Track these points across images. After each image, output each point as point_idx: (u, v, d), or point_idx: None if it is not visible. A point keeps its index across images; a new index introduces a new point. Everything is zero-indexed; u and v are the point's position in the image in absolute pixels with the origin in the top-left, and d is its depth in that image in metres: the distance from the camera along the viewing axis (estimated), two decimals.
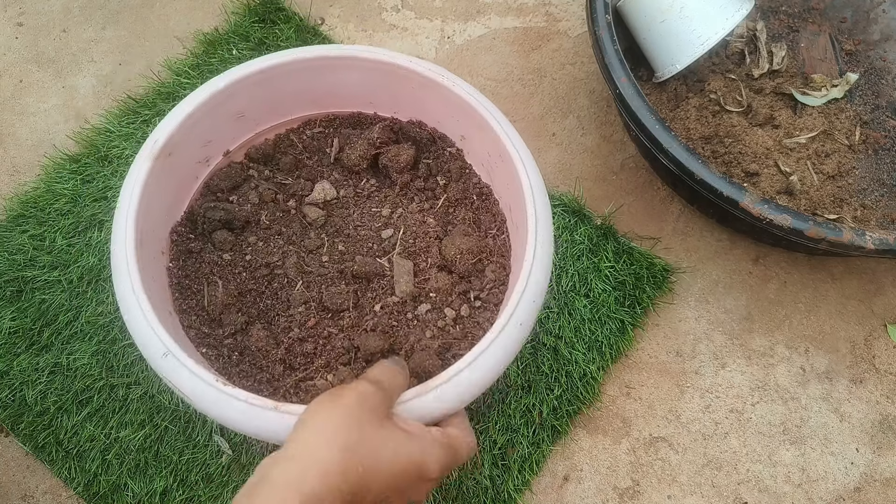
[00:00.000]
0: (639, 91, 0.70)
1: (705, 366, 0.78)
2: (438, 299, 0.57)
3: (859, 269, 0.85)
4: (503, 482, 0.69)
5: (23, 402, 0.71)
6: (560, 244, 0.81)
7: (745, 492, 0.72)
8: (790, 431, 0.76)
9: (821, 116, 0.85)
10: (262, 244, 0.59)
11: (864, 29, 0.93)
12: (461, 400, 0.45)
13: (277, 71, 0.57)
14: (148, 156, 0.51)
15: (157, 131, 0.53)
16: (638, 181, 0.89)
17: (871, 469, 0.74)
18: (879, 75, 0.90)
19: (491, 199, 0.62)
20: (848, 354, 0.80)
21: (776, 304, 0.82)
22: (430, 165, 0.63)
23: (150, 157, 0.51)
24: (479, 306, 0.56)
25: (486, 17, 1.01)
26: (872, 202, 0.81)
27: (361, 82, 0.61)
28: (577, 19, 1.01)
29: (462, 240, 0.57)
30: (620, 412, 0.75)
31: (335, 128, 0.65)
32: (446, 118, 0.61)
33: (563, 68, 0.97)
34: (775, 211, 0.64)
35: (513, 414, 0.72)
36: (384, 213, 0.62)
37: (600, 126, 0.92)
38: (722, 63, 0.89)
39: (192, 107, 0.54)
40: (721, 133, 0.82)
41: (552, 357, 0.75)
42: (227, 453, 0.69)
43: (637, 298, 0.79)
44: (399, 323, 0.56)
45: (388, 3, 1.02)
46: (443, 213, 0.62)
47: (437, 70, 0.57)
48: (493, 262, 0.58)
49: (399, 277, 0.57)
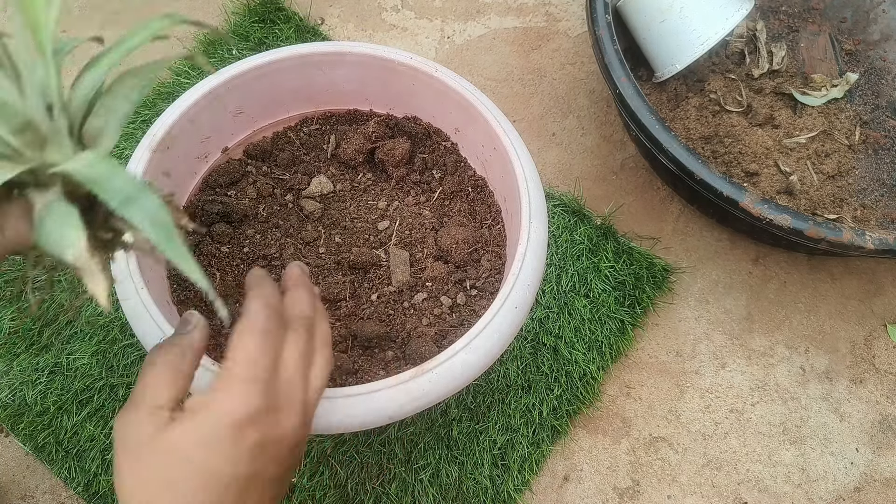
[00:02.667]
0: (639, 91, 0.70)
1: (705, 366, 0.78)
2: (434, 288, 0.57)
3: (859, 269, 0.85)
4: (503, 482, 0.69)
5: (23, 402, 0.71)
6: (560, 244, 0.81)
7: (745, 492, 0.72)
8: (790, 431, 0.76)
9: (821, 116, 0.85)
10: (260, 237, 0.60)
11: (864, 29, 0.93)
12: (458, 383, 0.45)
13: (274, 67, 0.58)
14: (147, 148, 0.52)
15: (156, 125, 0.53)
16: (638, 181, 0.89)
17: (871, 469, 0.74)
18: (879, 75, 0.90)
19: (486, 191, 0.62)
20: (848, 354, 0.80)
21: (776, 304, 0.82)
22: (425, 159, 0.64)
23: (149, 149, 0.52)
24: (474, 294, 0.57)
25: (486, 17, 1.01)
26: (872, 202, 0.81)
27: (357, 78, 0.61)
28: (577, 19, 1.01)
29: (458, 230, 0.58)
30: (620, 412, 0.75)
31: (332, 124, 0.66)
32: (441, 112, 0.62)
33: (562, 68, 0.97)
34: (775, 211, 0.64)
35: (513, 414, 0.72)
36: (380, 206, 0.62)
37: (600, 126, 0.92)
38: (722, 63, 0.89)
39: (191, 101, 0.54)
40: (721, 133, 0.82)
41: (552, 357, 0.75)
42: None
43: (637, 298, 0.79)
44: (395, 311, 0.56)
45: (388, 3, 1.02)
46: (438, 206, 0.62)
47: (431, 64, 0.58)
48: (488, 252, 0.59)
49: (395, 267, 0.58)
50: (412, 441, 0.69)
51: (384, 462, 0.68)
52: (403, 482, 0.68)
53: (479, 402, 0.72)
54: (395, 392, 0.44)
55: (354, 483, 0.67)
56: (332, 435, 0.69)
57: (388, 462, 0.68)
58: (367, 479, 0.68)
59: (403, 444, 0.69)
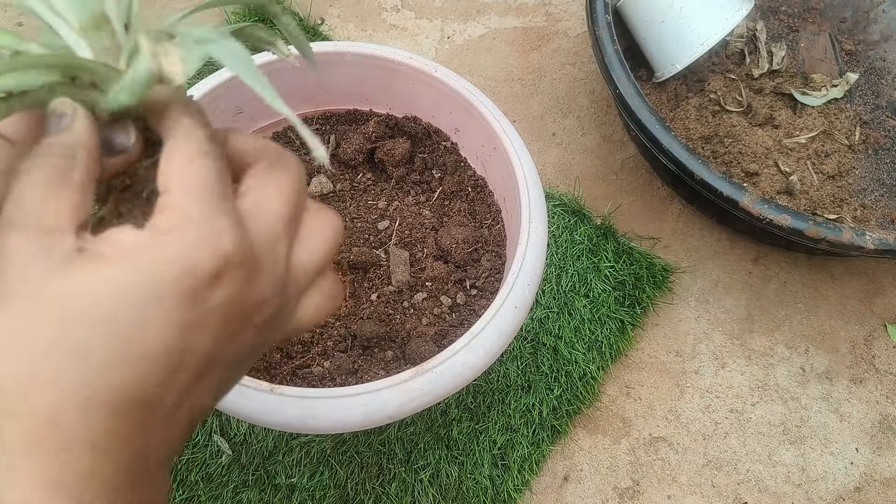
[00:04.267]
0: (639, 91, 0.70)
1: (705, 366, 0.78)
2: (434, 288, 0.57)
3: (859, 269, 0.85)
4: (503, 482, 0.69)
5: None
6: (560, 244, 0.81)
7: (745, 492, 0.72)
8: (790, 431, 0.76)
9: (821, 116, 0.85)
10: None
11: (864, 29, 0.93)
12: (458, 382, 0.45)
13: (273, 66, 0.58)
14: None
15: None
16: (638, 181, 0.89)
17: (871, 469, 0.74)
18: (879, 75, 0.90)
19: (486, 191, 0.63)
20: (848, 354, 0.80)
21: (776, 304, 0.82)
22: (425, 159, 0.64)
23: None
24: (474, 294, 0.57)
25: (486, 17, 1.01)
26: (872, 202, 0.81)
27: (356, 78, 0.61)
28: (577, 19, 1.01)
29: (458, 230, 0.58)
30: (620, 412, 0.75)
31: (332, 124, 0.66)
32: (440, 112, 0.62)
33: (562, 68, 0.97)
34: (775, 211, 0.64)
35: (513, 414, 0.72)
36: (380, 206, 0.62)
37: (600, 126, 0.92)
38: (722, 63, 0.89)
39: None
40: (721, 133, 0.82)
41: (552, 357, 0.75)
42: (226, 453, 0.69)
43: (637, 298, 0.79)
44: (395, 311, 0.56)
45: (388, 4, 1.02)
46: (438, 206, 0.63)
47: (431, 64, 0.58)
48: (488, 252, 0.59)
49: (395, 267, 0.58)
50: (412, 441, 0.69)
51: (384, 462, 0.68)
52: (403, 482, 0.68)
53: (479, 402, 0.72)
54: (395, 392, 0.44)
55: (354, 483, 0.67)
56: (332, 435, 0.69)
57: (388, 462, 0.68)
58: (367, 479, 0.68)
59: (403, 444, 0.69)
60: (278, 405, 0.43)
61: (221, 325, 0.20)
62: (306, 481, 0.67)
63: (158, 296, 0.18)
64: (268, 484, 0.67)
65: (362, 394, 0.43)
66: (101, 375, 0.18)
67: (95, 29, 0.21)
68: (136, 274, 0.18)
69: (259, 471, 0.67)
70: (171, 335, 0.19)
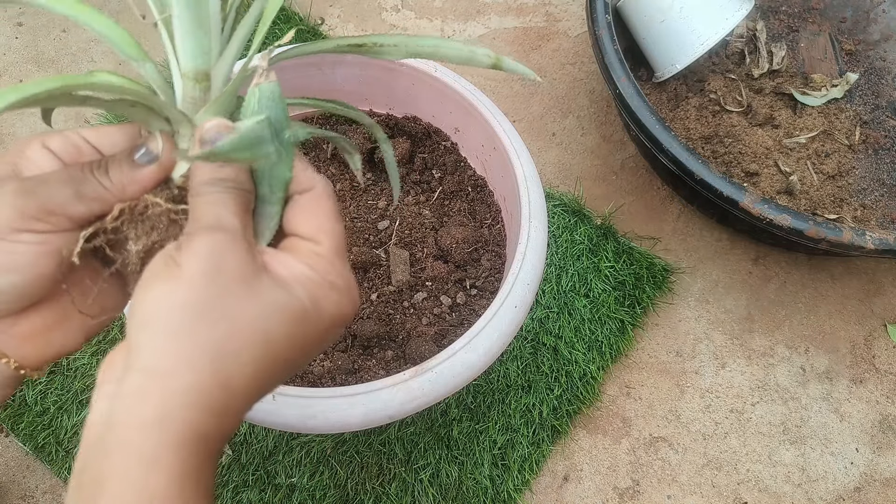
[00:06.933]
0: (639, 91, 0.70)
1: (705, 366, 0.78)
2: (434, 287, 0.57)
3: (859, 269, 0.85)
4: (503, 482, 0.69)
5: (23, 402, 0.71)
6: (560, 244, 0.81)
7: (745, 492, 0.72)
8: (790, 431, 0.76)
9: (821, 116, 0.85)
10: None
11: (864, 29, 0.93)
12: (458, 382, 0.45)
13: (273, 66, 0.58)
14: None
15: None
16: (638, 181, 0.89)
17: (871, 469, 0.74)
18: (879, 75, 0.90)
19: (486, 190, 0.63)
20: (848, 354, 0.80)
21: (776, 304, 0.82)
22: (425, 159, 0.64)
23: None
24: (474, 294, 0.57)
25: (486, 17, 1.01)
26: (872, 202, 0.81)
27: (356, 78, 0.61)
28: (577, 19, 1.01)
29: (458, 230, 0.58)
30: (620, 412, 0.75)
31: (332, 125, 0.66)
32: (440, 112, 0.62)
33: (563, 68, 0.97)
34: (775, 211, 0.64)
35: (513, 414, 0.72)
36: (380, 206, 0.62)
37: (600, 126, 0.92)
38: (722, 63, 0.89)
39: None
40: (721, 133, 0.82)
41: (552, 357, 0.75)
42: (226, 453, 0.69)
43: (637, 298, 0.79)
44: (395, 311, 0.56)
45: (388, 4, 1.02)
46: (438, 205, 0.63)
47: (431, 64, 0.58)
48: (488, 251, 0.59)
49: (395, 267, 0.58)
50: (412, 441, 0.69)
51: (384, 462, 0.68)
52: (403, 482, 0.68)
53: (479, 402, 0.72)
54: (396, 391, 0.44)
55: (354, 483, 0.67)
56: (332, 435, 0.69)
57: (388, 462, 0.68)
58: (367, 479, 0.68)
59: (403, 444, 0.69)
60: (278, 405, 0.43)
61: (320, 345, 0.25)
62: (306, 481, 0.67)
63: (311, 331, 0.24)
64: (268, 484, 0.67)
65: (362, 393, 0.43)
66: (245, 383, 0.23)
67: (194, 80, 0.26)
68: (302, 308, 0.24)
69: (259, 471, 0.67)
70: (299, 356, 0.24)
